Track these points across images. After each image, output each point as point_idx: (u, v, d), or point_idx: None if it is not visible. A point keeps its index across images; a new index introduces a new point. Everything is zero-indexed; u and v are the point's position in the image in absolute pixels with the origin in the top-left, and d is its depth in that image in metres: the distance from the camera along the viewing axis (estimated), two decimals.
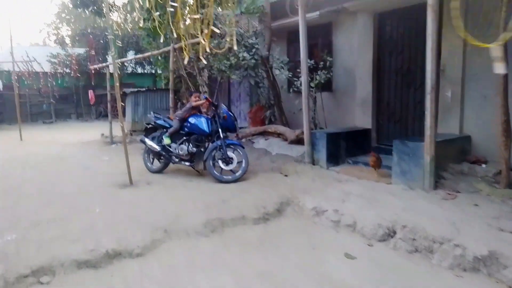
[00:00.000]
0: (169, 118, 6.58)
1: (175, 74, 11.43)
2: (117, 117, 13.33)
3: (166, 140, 6.22)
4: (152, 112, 6.76)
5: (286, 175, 5.99)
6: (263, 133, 8.37)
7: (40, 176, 6.55)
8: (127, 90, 11.35)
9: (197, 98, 6.22)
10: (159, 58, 11.72)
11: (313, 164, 6.40)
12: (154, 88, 11.46)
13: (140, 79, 23.24)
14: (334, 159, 6.32)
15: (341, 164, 6.42)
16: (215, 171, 5.73)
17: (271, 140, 7.93)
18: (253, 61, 7.31)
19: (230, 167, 5.77)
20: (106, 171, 6.84)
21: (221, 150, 5.78)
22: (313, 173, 5.98)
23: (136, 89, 11.11)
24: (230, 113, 5.98)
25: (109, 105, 11.01)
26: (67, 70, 21.14)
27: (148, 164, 6.67)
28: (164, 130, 6.43)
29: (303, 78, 6.30)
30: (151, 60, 20.39)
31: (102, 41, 20.68)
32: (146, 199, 4.95)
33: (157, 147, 6.33)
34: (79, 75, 20.93)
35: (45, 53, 21.51)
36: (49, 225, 4.07)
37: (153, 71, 22.01)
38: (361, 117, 6.95)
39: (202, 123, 5.99)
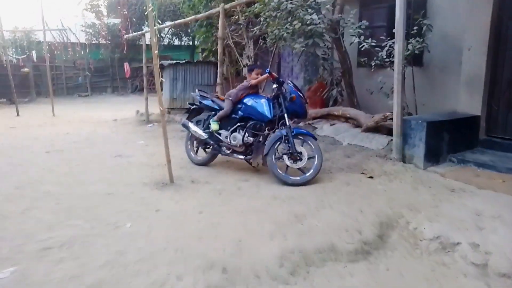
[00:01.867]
0: (218, 98, 5.21)
1: (217, 44, 10.04)
2: (154, 91, 12.20)
3: (215, 126, 4.89)
4: (197, 90, 5.42)
5: (371, 177, 4.52)
6: (326, 117, 6.87)
7: (65, 166, 5.45)
8: (165, 63, 10.08)
9: (259, 75, 4.79)
10: (200, 26, 10.31)
11: (404, 161, 4.88)
12: (195, 61, 10.14)
13: (177, 52, 22.02)
14: (433, 156, 4.77)
15: (442, 162, 4.86)
16: (278, 170, 4.35)
17: (338, 126, 6.42)
18: (322, 25, 5.72)
19: (299, 164, 4.37)
20: (142, 161, 5.64)
21: (287, 142, 4.38)
22: (409, 175, 4.48)
23: (174, 61, 9.83)
24: (299, 92, 4.52)
25: (144, 79, 9.83)
26: (103, 41, 20.22)
27: (192, 154, 5.40)
28: (212, 113, 5.09)
29: (398, 46, 4.69)
30: (190, 30, 19.06)
31: (138, 11, 19.44)
32: (193, 211, 3.66)
33: (203, 134, 5.02)
34: (114, 46, 19.99)
35: (80, 23, 20.65)
36: (61, 253, 2.87)
37: (191, 43, 20.70)
38: (466, 100, 5.27)
39: (262, 105, 4.58)
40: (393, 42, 5.37)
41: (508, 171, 4.31)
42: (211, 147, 5.06)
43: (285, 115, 4.42)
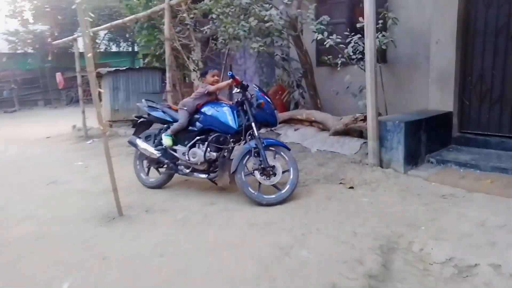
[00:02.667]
0: (170, 108, 4.46)
1: (161, 48, 9.20)
2: (91, 103, 11.07)
3: (168, 141, 4.14)
4: (143, 100, 4.62)
5: (351, 187, 4.04)
6: (289, 121, 6.35)
7: None
8: (103, 70, 9.02)
9: (216, 78, 4.11)
10: (141, 29, 9.40)
11: (381, 166, 4.48)
12: (138, 67, 9.19)
13: (116, 59, 20.57)
14: (412, 158, 4.41)
15: (421, 164, 4.52)
16: (250, 189, 3.71)
17: (303, 131, 5.92)
18: (280, 22, 5.18)
19: (273, 180, 3.77)
20: (81, 188, 4.71)
21: (258, 155, 3.76)
22: (392, 183, 4.06)
23: (113, 69, 8.81)
24: (266, 97, 3.91)
25: (80, 90, 8.73)
26: (30, 50, 18.28)
27: (142, 175, 4.58)
28: (164, 126, 4.34)
29: (369, 41, 4.27)
30: (128, 35, 17.79)
31: (68, 16, 17.81)
32: (152, 253, 2.89)
33: (154, 152, 4.25)
34: (43, 55, 18.15)
35: (1, 31, 18.52)
36: None
37: (131, 49, 19.39)
38: (437, 96, 5.01)
39: (225, 114, 3.92)
40: (359, 38, 5.00)
41: (493, 170, 4.04)
42: (165, 166, 4.30)
43: (253, 124, 3.80)
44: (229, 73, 3.75)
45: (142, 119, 4.58)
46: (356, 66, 5.05)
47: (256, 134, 3.79)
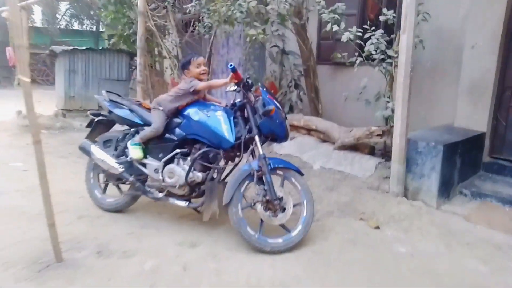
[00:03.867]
0: (140, 105, 3.30)
1: (130, 28, 7.89)
2: (48, 84, 9.36)
3: (137, 153, 3.01)
4: (104, 92, 3.42)
5: (377, 227, 3.10)
6: None
7: None
8: (57, 49, 7.58)
9: (204, 68, 3.00)
10: (107, 3, 8.01)
11: (406, 196, 3.58)
12: (100, 48, 7.82)
13: (78, 38, 18.66)
14: (445, 189, 3.54)
15: (453, 196, 3.67)
16: (249, 229, 2.67)
17: (301, 141, 4.93)
18: (286, 6, 4.14)
19: (281, 218, 2.74)
20: (11, 204, 3.44)
21: (261, 181, 2.72)
22: (427, 221, 3.16)
23: (70, 48, 7.40)
24: (276, 103, 2.86)
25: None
26: None
27: (97, 193, 3.40)
28: (131, 130, 3.19)
29: (406, 38, 3.33)
30: (93, 12, 16.02)
31: None
32: None
33: (116, 166, 3.09)
34: None
35: None
36: None
37: (95, 28, 17.56)
38: (467, 111, 4.18)
39: (218, 122, 2.82)
40: (382, 33, 4.06)
41: None
42: (130, 186, 3.16)
43: (256, 137, 2.75)
44: (230, 65, 2.66)
45: (100, 117, 3.39)
46: (376, 68, 4.10)
47: (261, 152, 2.74)
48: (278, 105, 2.86)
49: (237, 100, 2.97)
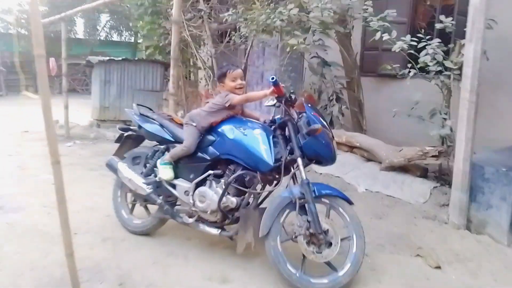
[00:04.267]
0: (171, 119, 3.04)
1: (166, 39, 7.81)
2: (87, 93, 9.46)
3: (166, 173, 2.74)
4: (134, 105, 3.21)
5: (438, 267, 2.65)
6: None
7: None
8: (93, 59, 7.60)
9: (240, 82, 2.69)
10: (145, 14, 8.00)
11: (469, 229, 3.09)
12: (136, 59, 7.80)
13: (117, 49, 19.12)
14: None
15: None
16: (289, 266, 2.31)
17: (342, 159, 4.49)
18: (330, 13, 3.80)
19: (327, 255, 2.35)
20: (33, 223, 3.26)
21: (304, 211, 2.36)
22: (498, 263, 2.67)
23: (106, 58, 7.41)
24: (323, 121, 2.50)
25: (64, 80, 7.32)
26: (23, 31, 16.82)
27: (123, 213, 3.16)
28: (161, 147, 2.93)
29: (473, 48, 2.89)
30: (132, 24, 16.39)
31: None
32: None
33: (143, 186, 2.83)
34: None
35: None
36: None
37: (133, 39, 17.96)
38: None
39: (257, 141, 2.49)
40: (439, 43, 3.62)
41: None
42: (159, 207, 2.89)
43: (299, 160, 2.40)
44: (272, 77, 2.35)
45: (129, 132, 3.17)
46: (431, 81, 3.66)
47: (304, 176, 2.39)
48: (325, 123, 2.50)
49: (277, 116, 2.64)
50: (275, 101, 2.57)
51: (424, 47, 3.75)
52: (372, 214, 3.37)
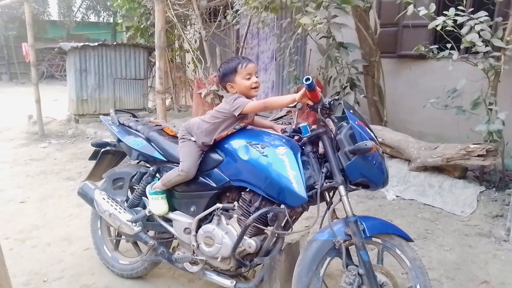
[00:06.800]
0: (161, 130, 2.32)
1: (148, 20, 6.97)
2: (64, 79, 8.52)
3: (158, 206, 2.07)
4: (111, 111, 2.48)
5: None
6: None
7: None
8: (66, 46, 6.71)
9: (256, 80, 1.96)
10: None
11: None
12: (114, 43, 6.90)
13: (95, 30, 17.94)
14: None
15: None
16: None
17: None
18: None
19: None
20: None
21: (350, 257, 1.72)
22: None
23: (81, 44, 6.51)
24: (371, 132, 1.83)
25: (33, 71, 6.47)
26: None
27: (106, 250, 2.47)
28: (150, 169, 2.23)
29: None
30: (109, 3, 15.19)
31: None
32: None
33: (128, 223, 2.15)
34: (7, 21, 15.44)
35: None
36: None
37: (112, 20, 16.75)
38: None
39: (282, 165, 1.80)
40: (486, 17, 2.94)
41: None
42: (151, 249, 2.21)
43: (341, 188, 1.74)
44: (307, 78, 1.65)
45: (107, 148, 2.45)
46: (480, 65, 2.99)
47: (350, 211, 1.74)
48: (373, 135, 1.83)
49: (302, 124, 1.96)
50: (300, 106, 1.90)
51: (462, 23, 3.06)
52: (413, 233, 2.75)
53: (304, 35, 4.79)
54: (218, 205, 1.95)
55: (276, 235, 1.93)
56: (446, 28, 3.08)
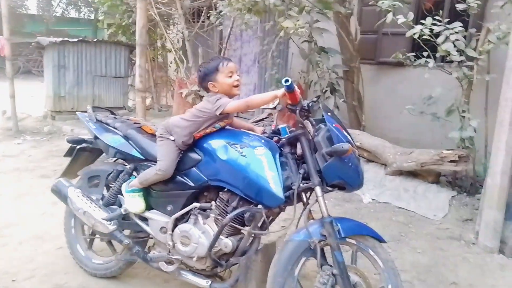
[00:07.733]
0: (140, 128, 2.30)
1: (130, 17, 6.90)
2: (42, 75, 8.29)
3: (134, 204, 2.05)
4: (89, 107, 2.45)
5: None
6: None
7: None
8: (43, 41, 6.56)
9: (238, 79, 1.98)
10: None
11: (503, 252, 2.62)
12: (94, 40, 6.78)
13: (75, 26, 17.57)
14: None
15: None
16: None
17: None
18: None
19: None
20: None
21: (324, 258, 1.75)
22: None
23: (59, 39, 6.38)
24: (348, 135, 1.87)
25: (8, 65, 6.30)
26: None
27: (79, 249, 2.43)
28: (127, 166, 2.21)
29: None
30: None
31: None
32: None
33: (104, 222, 2.11)
34: None
35: None
36: None
37: (93, 16, 16.46)
38: None
39: (260, 165, 1.82)
40: (460, 28, 3.05)
41: None
42: (126, 248, 2.19)
43: (318, 189, 1.78)
44: (286, 80, 1.67)
45: (83, 145, 2.41)
46: (454, 74, 3.09)
47: (325, 212, 1.77)
48: (350, 138, 1.87)
49: (281, 126, 1.99)
50: (279, 105, 1.92)
51: (439, 33, 3.17)
52: (387, 236, 2.81)
53: (287, 39, 4.84)
54: (196, 204, 1.95)
55: (253, 235, 1.94)
56: (423, 37, 3.18)
